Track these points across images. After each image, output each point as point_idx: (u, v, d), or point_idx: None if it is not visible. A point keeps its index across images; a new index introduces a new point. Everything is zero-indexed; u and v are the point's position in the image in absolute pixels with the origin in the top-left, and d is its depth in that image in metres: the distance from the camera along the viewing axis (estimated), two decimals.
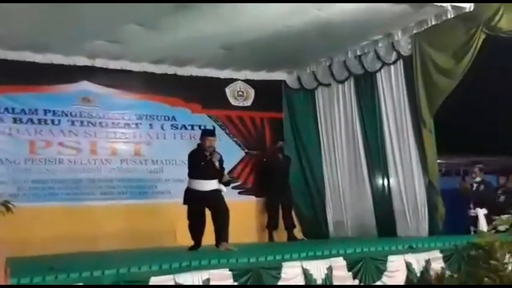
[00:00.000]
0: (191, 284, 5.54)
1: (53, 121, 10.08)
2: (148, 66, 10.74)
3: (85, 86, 10.38)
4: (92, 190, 10.15)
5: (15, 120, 9.78)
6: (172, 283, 5.46)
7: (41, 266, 6.00)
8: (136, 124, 10.82)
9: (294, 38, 9.35)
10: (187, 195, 8.43)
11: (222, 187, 8.47)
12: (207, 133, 8.95)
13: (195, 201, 8.35)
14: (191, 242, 8.51)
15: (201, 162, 8.34)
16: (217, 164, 8.39)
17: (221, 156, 8.64)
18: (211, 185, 8.38)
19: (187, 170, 8.57)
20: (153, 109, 10.94)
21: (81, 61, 10.16)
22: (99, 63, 10.30)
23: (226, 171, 8.75)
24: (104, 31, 8.94)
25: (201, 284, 5.59)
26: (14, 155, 9.69)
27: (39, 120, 9.99)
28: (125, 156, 10.61)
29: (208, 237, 8.35)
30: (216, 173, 8.45)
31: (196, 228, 8.43)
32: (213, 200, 8.30)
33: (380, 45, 10.10)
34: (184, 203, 8.42)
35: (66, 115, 10.19)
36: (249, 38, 9.35)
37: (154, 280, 5.37)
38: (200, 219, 8.40)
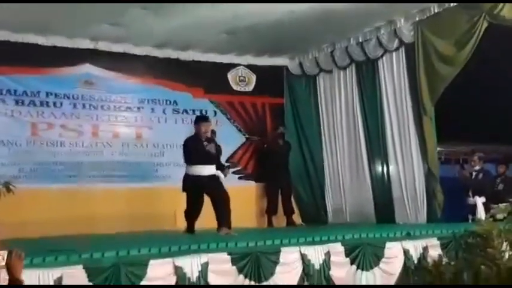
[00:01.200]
0: (189, 267, 5.60)
1: (54, 103, 10.11)
2: (151, 50, 10.75)
3: (87, 69, 10.39)
4: (93, 173, 10.20)
5: (17, 102, 9.81)
6: (171, 266, 5.53)
7: (41, 248, 6.06)
8: (138, 108, 10.85)
9: (296, 24, 9.35)
10: (186, 181, 8.46)
11: (220, 174, 8.49)
12: (201, 119, 8.89)
13: (193, 187, 8.38)
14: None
15: (196, 149, 8.35)
16: (213, 150, 8.41)
17: (219, 146, 8.74)
18: (208, 170, 8.39)
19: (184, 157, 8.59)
20: (155, 93, 10.96)
21: (84, 44, 10.17)
22: (102, 46, 10.30)
23: (226, 156, 8.79)
24: (108, 14, 8.95)
25: (199, 267, 5.65)
26: (16, 136, 9.73)
27: (41, 103, 10.01)
28: (126, 140, 10.65)
29: (210, 220, 8.36)
30: (213, 158, 8.48)
31: (191, 215, 8.49)
32: (212, 186, 8.31)
33: (382, 32, 10.09)
34: (184, 189, 8.43)
35: (68, 98, 10.22)
36: (251, 23, 9.36)
37: (153, 263, 5.43)
38: (197, 205, 8.43)
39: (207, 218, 8.47)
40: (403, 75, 9.87)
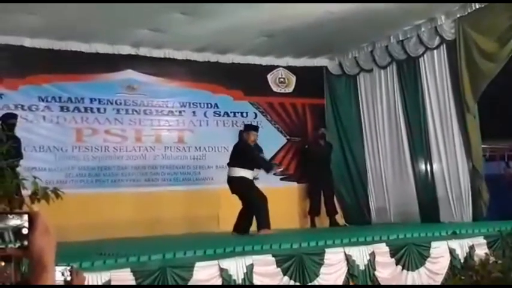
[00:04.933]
0: (235, 269, 5.64)
1: (98, 109, 10.29)
2: (191, 54, 10.86)
3: (129, 74, 10.56)
4: (136, 177, 10.35)
5: (62, 109, 10.02)
6: (216, 268, 5.57)
7: (89, 251, 6.17)
8: (180, 112, 10.96)
9: (335, 24, 9.34)
10: (246, 183, 8.63)
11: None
12: (253, 128, 9.33)
13: (248, 189, 8.57)
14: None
15: (250, 153, 8.77)
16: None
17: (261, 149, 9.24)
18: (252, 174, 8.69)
19: (239, 160, 8.78)
20: (196, 97, 11.06)
21: (126, 50, 10.34)
22: (143, 51, 10.46)
23: (268, 158, 8.96)
24: (148, 20, 9.09)
25: (244, 269, 5.69)
26: (62, 142, 9.94)
27: (86, 109, 10.20)
28: (169, 144, 10.78)
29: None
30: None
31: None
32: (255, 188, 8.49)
33: (423, 29, 10.00)
34: (243, 191, 8.63)
35: (112, 103, 10.39)
36: (290, 24, 9.37)
37: (199, 265, 5.48)
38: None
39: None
40: (445, 73, 9.77)
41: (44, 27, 8.99)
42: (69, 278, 2.04)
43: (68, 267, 2.04)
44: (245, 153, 8.84)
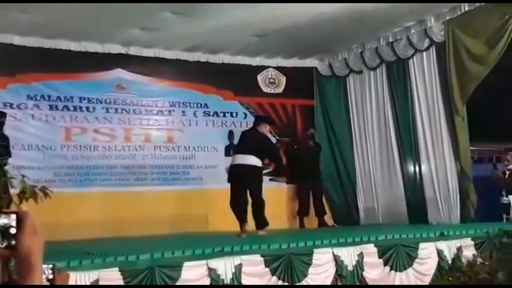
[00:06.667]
0: (223, 269, 5.64)
1: (88, 108, 10.26)
2: (181, 54, 10.84)
3: (119, 73, 10.54)
4: (125, 176, 10.32)
5: (51, 107, 9.98)
6: (205, 268, 5.58)
7: (77, 251, 6.16)
8: (170, 111, 10.95)
9: (326, 25, 9.36)
10: (259, 174, 8.60)
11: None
12: (266, 120, 9.56)
13: (260, 181, 8.59)
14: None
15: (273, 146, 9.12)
16: None
17: None
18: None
19: (253, 149, 8.66)
20: (186, 96, 11.05)
21: (116, 49, 10.31)
22: (133, 51, 10.44)
23: None
24: (138, 19, 9.08)
25: (233, 269, 5.70)
26: (50, 141, 9.90)
27: (75, 107, 10.17)
28: (158, 143, 10.76)
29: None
30: None
31: None
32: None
33: (412, 31, 10.04)
34: (255, 181, 8.52)
35: (101, 102, 10.36)
36: (281, 25, 9.38)
37: (187, 265, 5.48)
38: None
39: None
40: (434, 75, 9.81)
41: (34, 25, 8.95)
42: (51, 277, 2.04)
43: (50, 266, 2.04)
44: (267, 145, 8.87)
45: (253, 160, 8.46)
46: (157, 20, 9.05)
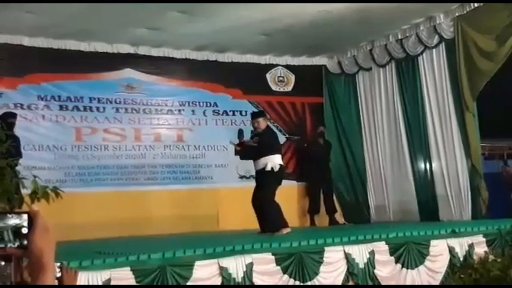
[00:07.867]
0: (234, 268, 5.64)
1: (98, 108, 10.29)
2: (190, 53, 10.87)
3: (128, 73, 10.56)
4: (136, 176, 10.34)
5: (61, 108, 10.01)
6: (216, 267, 5.58)
7: (89, 250, 6.17)
8: (179, 110, 10.96)
9: (334, 23, 9.35)
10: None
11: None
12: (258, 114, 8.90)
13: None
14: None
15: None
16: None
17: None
18: None
19: (256, 153, 8.43)
20: (195, 95, 11.07)
21: (125, 49, 10.34)
22: (142, 50, 10.47)
23: None
24: (147, 19, 9.09)
25: (244, 268, 5.69)
26: (61, 141, 9.94)
27: (85, 108, 10.20)
28: (168, 142, 10.77)
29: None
30: None
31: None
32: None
33: (422, 28, 10.00)
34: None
35: (111, 102, 10.39)
36: (289, 23, 9.37)
37: (198, 264, 5.49)
38: None
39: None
40: (444, 72, 9.77)
41: (43, 26, 8.99)
42: (58, 275, 2.04)
43: (58, 264, 2.04)
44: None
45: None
46: (165, 20, 9.06)
